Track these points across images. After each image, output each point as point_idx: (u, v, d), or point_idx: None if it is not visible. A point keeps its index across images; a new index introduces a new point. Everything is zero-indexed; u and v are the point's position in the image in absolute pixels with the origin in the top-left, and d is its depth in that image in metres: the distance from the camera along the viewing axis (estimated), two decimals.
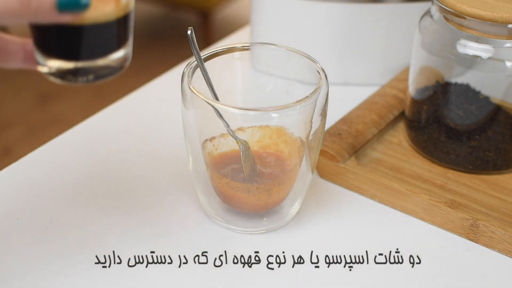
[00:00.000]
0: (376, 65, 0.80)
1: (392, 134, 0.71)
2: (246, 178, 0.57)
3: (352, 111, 0.71)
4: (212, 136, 0.57)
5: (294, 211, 0.61)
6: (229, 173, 0.58)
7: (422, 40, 0.66)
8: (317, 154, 0.59)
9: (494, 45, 0.62)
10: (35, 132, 2.04)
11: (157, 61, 2.42)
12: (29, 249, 0.56)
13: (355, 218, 0.62)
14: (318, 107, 0.55)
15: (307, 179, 0.60)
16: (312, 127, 0.56)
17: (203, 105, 0.53)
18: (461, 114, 0.65)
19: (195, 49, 0.54)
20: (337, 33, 0.78)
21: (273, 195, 0.58)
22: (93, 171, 0.65)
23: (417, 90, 0.68)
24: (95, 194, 0.63)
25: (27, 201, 0.61)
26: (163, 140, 0.70)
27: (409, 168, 0.67)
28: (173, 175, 0.65)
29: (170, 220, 0.60)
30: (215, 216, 0.60)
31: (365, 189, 0.64)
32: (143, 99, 0.78)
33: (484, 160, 0.66)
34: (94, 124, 0.73)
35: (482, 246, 0.59)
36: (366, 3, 0.76)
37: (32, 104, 2.17)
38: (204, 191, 0.60)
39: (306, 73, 0.58)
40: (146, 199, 0.62)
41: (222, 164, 0.58)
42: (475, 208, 0.61)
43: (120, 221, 0.60)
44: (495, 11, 0.59)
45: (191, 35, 0.54)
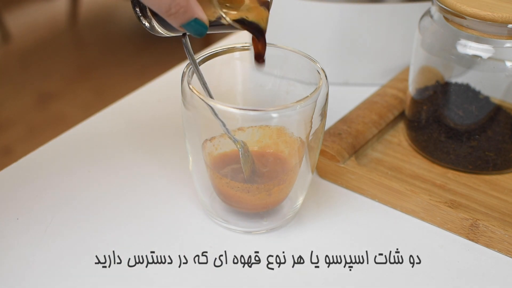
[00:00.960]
0: (376, 65, 0.80)
1: (392, 134, 0.71)
2: (246, 179, 0.57)
3: (352, 111, 0.71)
4: (212, 136, 0.57)
5: (294, 211, 0.61)
6: (229, 173, 0.58)
7: (422, 40, 0.66)
8: (317, 154, 0.59)
9: (494, 45, 0.62)
10: (35, 132, 2.04)
11: (157, 61, 2.42)
12: (29, 249, 0.56)
13: (355, 218, 0.62)
14: (318, 107, 0.55)
15: (307, 179, 0.60)
16: (312, 127, 0.56)
17: (203, 105, 0.53)
18: (461, 114, 0.65)
19: (190, 55, 0.54)
20: (337, 33, 0.78)
21: (273, 195, 0.58)
22: (93, 171, 0.65)
23: (417, 90, 0.68)
24: (95, 194, 0.63)
25: (27, 201, 0.61)
26: (163, 140, 0.70)
27: (409, 168, 0.67)
28: (173, 175, 0.65)
29: (170, 220, 0.60)
30: (215, 216, 0.60)
31: (365, 189, 0.64)
32: (143, 99, 0.78)
33: (484, 160, 0.66)
34: (94, 124, 0.73)
35: (482, 246, 0.59)
36: (366, 3, 0.76)
37: (32, 104, 2.17)
38: (204, 191, 0.60)
39: (306, 73, 0.58)
40: (146, 199, 0.62)
41: (222, 164, 0.58)
42: (475, 208, 0.61)
43: (120, 221, 0.60)
44: (495, 11, 0.59)
45: (185, 39, 0.54)
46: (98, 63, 2.43)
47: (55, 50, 2.51)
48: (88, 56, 2.51)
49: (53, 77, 2.32)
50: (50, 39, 2.57)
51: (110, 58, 2.47)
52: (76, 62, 2.48)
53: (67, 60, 2.46)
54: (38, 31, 2.61)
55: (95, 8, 2.81)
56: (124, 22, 2.74)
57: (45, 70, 2.36)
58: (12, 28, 2.59)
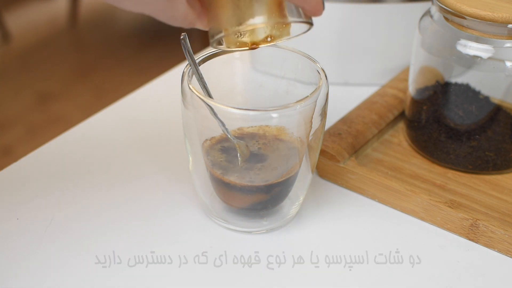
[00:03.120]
0: (376, 65, 0.80)
1: (392, 134, 0.71)
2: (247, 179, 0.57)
3: (352, 111, 0.71)
4: (212, 136, 0.57)
5: (294, 211, 0.61)
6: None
7: (422, 40, 0.66)
8: (317, 154, 0.59)
9: (494, 45, 0.62)
10: (35, 132, 2.04)
11: (157, 61, 2.42)
12: (29, 249, 0.56)
13: (355, 218, 0.62)
14: (318, 107, 0.55)
15: (307, 179, 0.60)
16: (312, 127, 0.56)
17: (203, 105, 0.53)
18: (461, 114, 0.65)
19: (189, 55, 0.54)
20: (337, 33, 0.78)
21: (272, 195, 0.58)
22: (93, 171, 0.65)
23: (417, 90, 0.68)
24: (95, 194, 0.63)
25: (27, 201, 0.61)
26: (163, 140, 0.70)
27: (409, 168, 0.67)
28: (173, 175, 0.65)
29: (170, 220, 0.60)
30: (215, 216, 0.60)
31: (365, 189, 0.64)
32: (143, 99, 0.78)
33: (484, 160, 0.66)
34: (94, 124, 0.72)
35: (482, 246, 0.59)
36: (366, 3, 0.76)
37: (32, 104, 2.17)
38: (204, 191, 0.60)
39: (306, 73, 0.58)
40: (146, 199, 0.62)
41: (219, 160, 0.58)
42: (475, 208, 0.61)
43: (120, 221, 0.60)
44: (495, 11, 0.59)
45: (185, 40, 0.54)
46: (98, 63, 2.44)
47: (55, 50, 2.51)
48: (88, 56, 2.51)
49: (53, 77, 2.32)
50: (50, 39, 2.57)
51: (110, 58, 2.47)
52: (76, 62, 2.48)
53: (67, 60, 2.46)
54: (38, 31, 2.61)
55: (95, 8, 2.81)
56: (124, 23, 2.74)
57: (45, 70, 2.36)
58: (12, 28, 2.59)
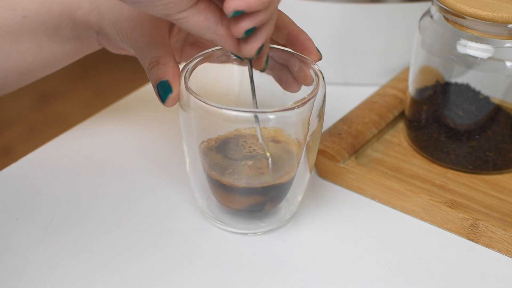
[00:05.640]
0: (376, 65, 0.80)
1: (392, 134, 0.71)
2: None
3: (352, 111, 0.71)
4: (209, 137, 0.57)
5: (292, 212, 0.60)
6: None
7: (422, 40, 0.66)
8: (314, 155, 0.59)
9: (494, 45, 0.62)
10: (35, 132, 2.04)
11: None
12: (29, 249, 0.56)
13: (354, 218, 0.62)
14: (316, 108, 0.55)
15: (305, 179, 0.60)
16: (309, 129, 0.56)
17: (200, 106, 0.53)
18: (461, 114, 0.65)
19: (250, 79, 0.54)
20: (337, 33, 0.78)
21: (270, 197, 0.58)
22: (93, 171, 0.65)
23: (417, 90, 0.68)
24: (94, 194, 0.63)
25: (27, 201, 0.61)
26: (162, 141, 0.70)
27: (409, 168, 0.67)
28: (172, 176, 0.65)
29: (168, 221, 0.60)
30: (212, 217, 0.60)
31: (365, 189, 0.64)
32: (143, 99, 0.78)
33: (484, 160, 0.66)
34: (94, 124, 0.72)
35: (482, 246, 0.59)
36: (366, 3, 0.76)
37: (32, 104, 2.17)
38: (202, 193, 0.60)
39: None
40: (145, 199, 0.62)
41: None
42: (475, 208, 0.61)
43: (120, 221, 0.60)
44: (495, 11, 0.59)
45: (249, 68, 0.54)
46: (98, 63, 2.43)
47: None
48: (88, 56, 2.50)
49: (53, 77, 2.31)
50: None
51: (110, 58, 2.46)
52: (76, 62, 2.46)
53: None
54: None
55: None
56: None
57: None
58: None
